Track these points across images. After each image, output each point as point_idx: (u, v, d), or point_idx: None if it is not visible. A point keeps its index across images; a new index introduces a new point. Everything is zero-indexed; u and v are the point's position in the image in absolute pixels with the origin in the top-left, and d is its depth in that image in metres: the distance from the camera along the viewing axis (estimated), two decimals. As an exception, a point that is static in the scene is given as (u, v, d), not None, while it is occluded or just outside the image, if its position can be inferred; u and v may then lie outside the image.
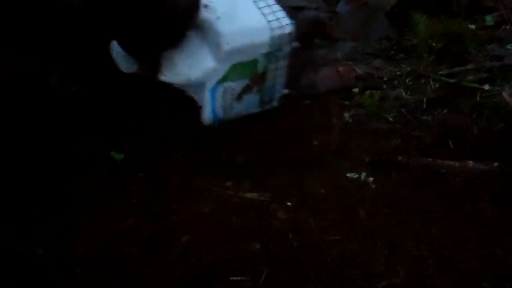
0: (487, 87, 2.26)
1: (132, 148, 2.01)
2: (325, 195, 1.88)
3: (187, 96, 2.11)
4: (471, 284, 1.60)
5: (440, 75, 2.37)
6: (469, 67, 2.39)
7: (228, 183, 1.91)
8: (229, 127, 2.13)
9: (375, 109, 2.24)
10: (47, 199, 1.81)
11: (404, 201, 1.85)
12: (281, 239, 1.72)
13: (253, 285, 1.59)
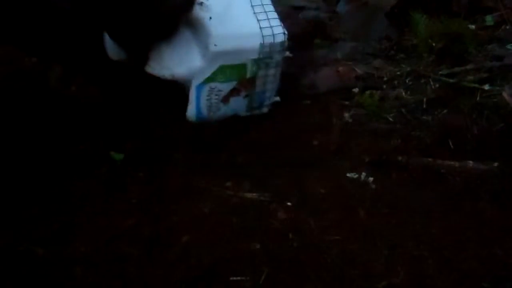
0: (487, 87, 2.26)
1: (132, 148, 2.01)
2: (325, 195, 1.88)
3: (186, 94, 2.11)
4: (471, 284, 1.60)
5: (440, 75, 2.37)
6: (469, 67, 2.39)
7: (228, 183, 1.91)
8: (229, 127, 2.13)
9: (375, 109, 2.24)
10: (47, 199, 1.81)
11: (404, 201, 1.85)
12: (281, 239, 1.72)
13: (253, 285, 1.58)
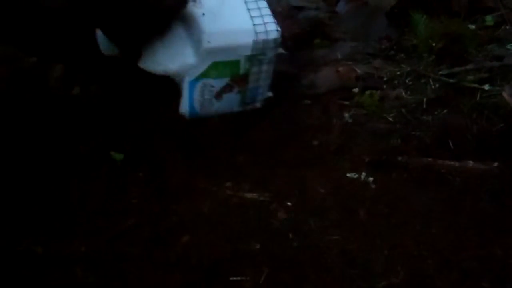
0: (487, 87, 2.26)
1: (132, 148, 2.01)
2: (325, 195, 1.88)
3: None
4: (471, 284, 1.60)
5: (440, 75, 2.36)
6: (469, 67, 2.38)
7: (228, 183, 1.91)
8: (229, 127, 2.13)
9: (375, 109, 2.23)
10: (47, 199, 1.81)
11: (404, 201, 1.85)
12: (281, 239, 1.72)
13: (253, 285, 1.59)
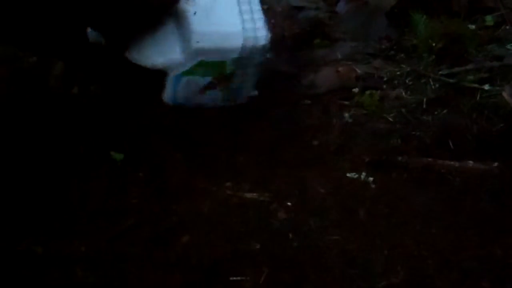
0: (487, 87, 2.25)
1: (132, 148, 2.01)
2: (325, 195, 1.88)
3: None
4: (471, 284, 1.60)
5: (440, 75, 2.36)
6: (469, 67, 2.38)
7: (228, 183, 1.91)
8: (229, 127, 2.13)
9: (375, 109, 2.23)
10: (47, 199, 1.81)
11: (404, 201, 1.85)
12: (281, 239, 1.72)
13: (253, 285, 1.59)
